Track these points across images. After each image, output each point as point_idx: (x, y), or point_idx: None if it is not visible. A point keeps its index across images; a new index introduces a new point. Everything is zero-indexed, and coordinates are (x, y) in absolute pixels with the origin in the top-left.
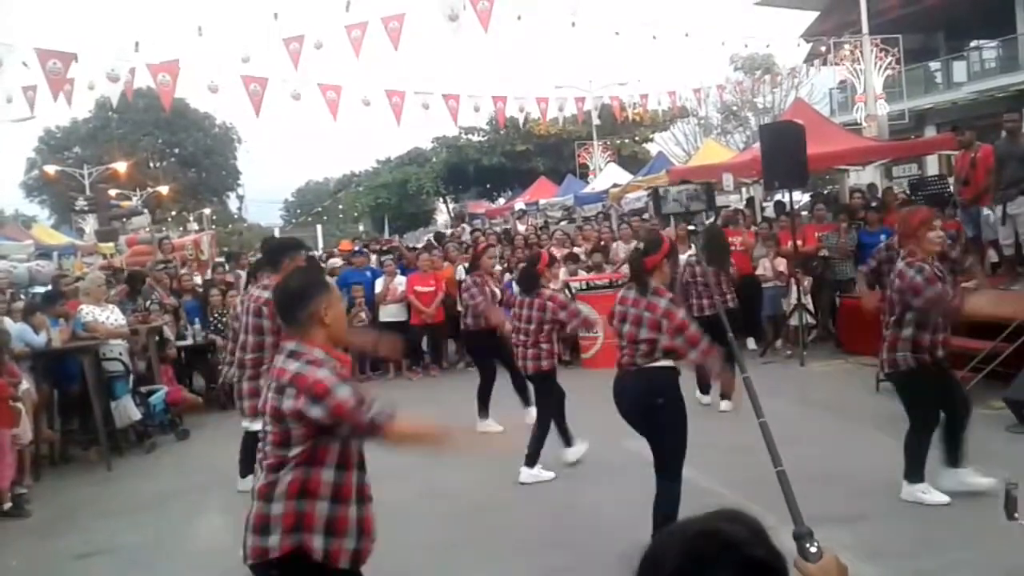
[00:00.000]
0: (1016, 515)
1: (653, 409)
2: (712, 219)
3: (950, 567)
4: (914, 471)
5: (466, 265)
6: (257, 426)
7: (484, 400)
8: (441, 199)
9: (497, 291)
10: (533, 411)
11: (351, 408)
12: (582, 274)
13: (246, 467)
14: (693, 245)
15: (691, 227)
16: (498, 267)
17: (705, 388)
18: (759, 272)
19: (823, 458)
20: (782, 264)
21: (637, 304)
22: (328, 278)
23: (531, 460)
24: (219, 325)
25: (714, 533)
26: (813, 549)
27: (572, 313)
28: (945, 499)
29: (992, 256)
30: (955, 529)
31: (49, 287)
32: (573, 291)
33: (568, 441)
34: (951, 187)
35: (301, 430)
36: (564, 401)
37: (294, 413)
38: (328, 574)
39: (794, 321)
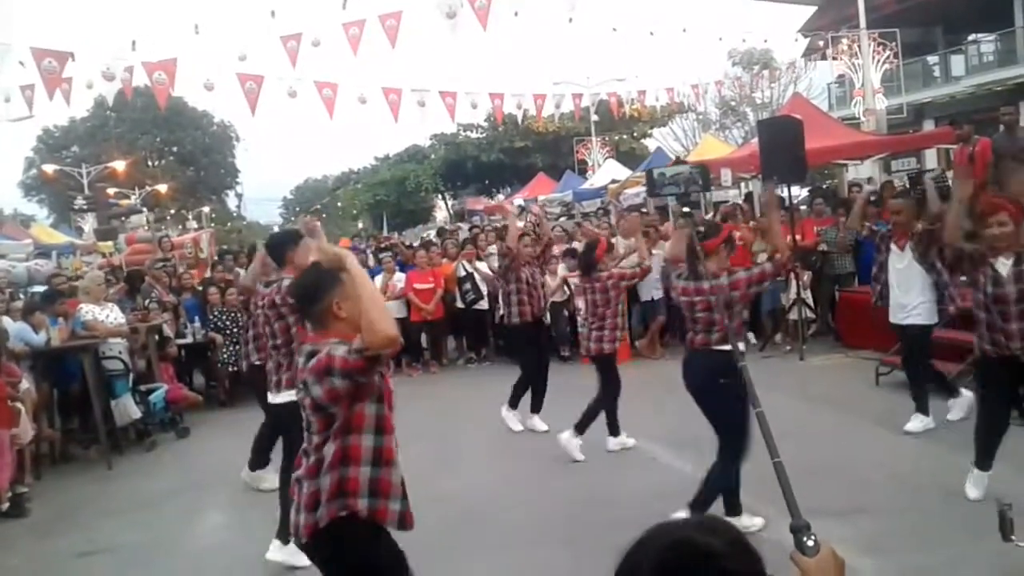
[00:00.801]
0: (1013, 537)
1: (714, 389)
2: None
3: (950, 562)
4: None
5: (465, 262)
6: (280, 399)
7: (519, 393)
8: (440, 196)
9: (548, 279)
10: (538, 420)
11: (345, 358)
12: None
13: (257, 459)
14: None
15: (685, 209)
16: (496, 263)
17: None
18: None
19: (822, 452)
20: None
21: (701, 291)
22: (344, 274)
23: (614, 430)
24: (218, 323)
25: (689, 544)
26: (810, 543)
27: (632, 274)
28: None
29: None
30: (955, 524)
31: (47, 286)
32: (572, 287)
33: (614, 431)
34: (950, 181)
35: (340, 407)
36: (619, 391)
37: (328, 393)
38: (378, 535)
39: (793, 315)
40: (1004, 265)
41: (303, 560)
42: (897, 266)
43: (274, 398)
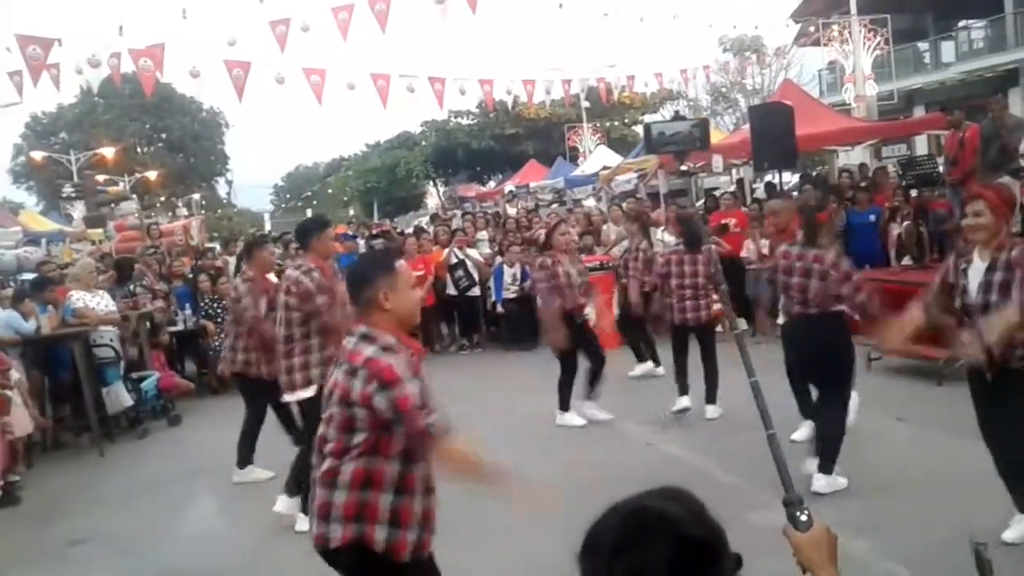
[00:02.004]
0: None
1: (829, 351)
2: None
3: (941, 544)
4: None
5: (457, 249)
6: (298, 396)
7: (566, 393)
8: (431, 183)
9: (572, 271)
10: (594, 406)
11: (412, 406)
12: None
13: (244, 458)
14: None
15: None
16: (488, 250)
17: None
18: (743, 254)
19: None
20: (766, 246)
21: (803, 258)
22: (400, 262)
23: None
24: (210, 311)
25: (650, 510)
26: (803, 517)
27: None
28: None
29: None
30: (946, 505)
31: (36, 274)
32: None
33: (683, 389)
34: (940, 167)
35: (366, 417)
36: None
37: (364, 397)
38: (388, 566)
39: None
40: (977, 271)
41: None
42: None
43: (291, 397)
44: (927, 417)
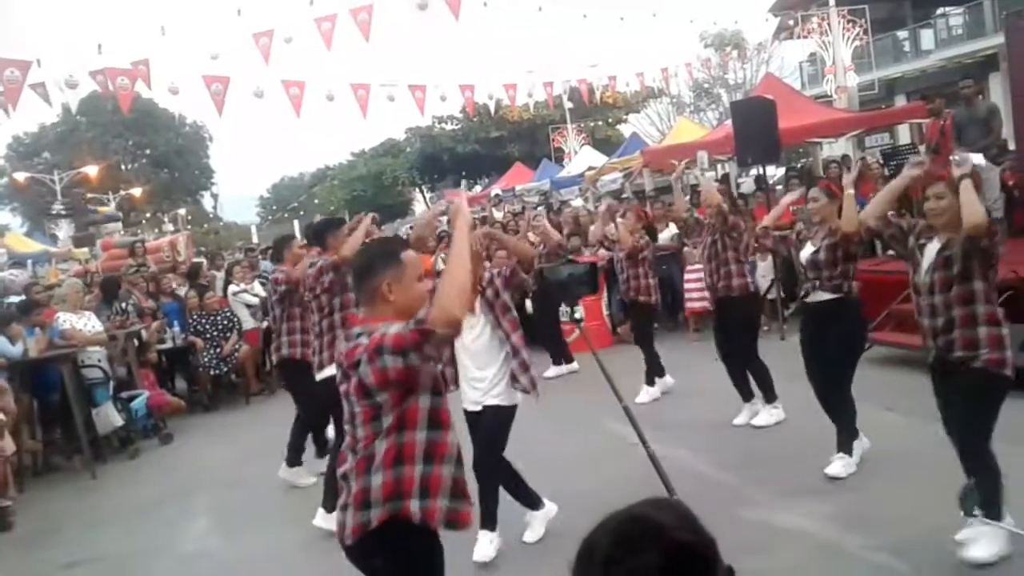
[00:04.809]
0: (976, 512)
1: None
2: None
3: (933, 533)
4: None
5: (443, 255)
6: (325, 374)
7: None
8: (417, 189)
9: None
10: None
11: (411, 330)
12: None
13: (293, 457)
14: (672, 223)
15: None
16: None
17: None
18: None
19: (805, 430)
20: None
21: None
22: (408, 253)
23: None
24: (198, 327)
25: (644, 519)
26: None
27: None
28: None
29: None
30: (937, 496)
31: (22, 296)
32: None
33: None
34: (922, 155)
35: (389, 397)
36: None
37: (376, 375)
38: (427, 538)
39: (772, 295)
40: (932, 249)
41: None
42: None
43: (320, 375)
44: (916, 408)
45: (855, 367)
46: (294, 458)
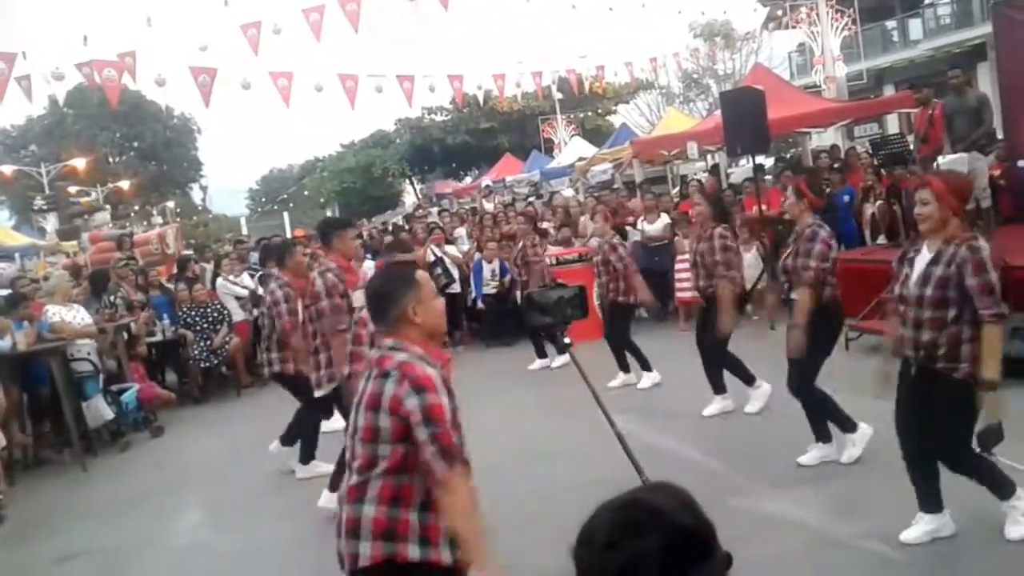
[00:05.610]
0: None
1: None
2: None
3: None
4: None
5: (434, 246)
6: (324, 391)
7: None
8: (407, 181)
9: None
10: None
11: (445, 416)
12: (552, 249)
13: (306, 454)
14: (664, 214)
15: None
16: (466, 246)
17: (625, 367)
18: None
19: (796, 420)
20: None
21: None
22: (420, 273)
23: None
24: (188, 319)
25: (643, 503)
26: None
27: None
28: None
29: None
30: None
31: (9, 290)
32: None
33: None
34: (911, 145)
35: (391, 427)
36: None
37: (394, 400)
38: (426, 571)
39: (762, 285)
40: (922, 260)
41: None
42: None
43: (319, 392)
44: None
45: (820, 365)
46: (307, 455)
